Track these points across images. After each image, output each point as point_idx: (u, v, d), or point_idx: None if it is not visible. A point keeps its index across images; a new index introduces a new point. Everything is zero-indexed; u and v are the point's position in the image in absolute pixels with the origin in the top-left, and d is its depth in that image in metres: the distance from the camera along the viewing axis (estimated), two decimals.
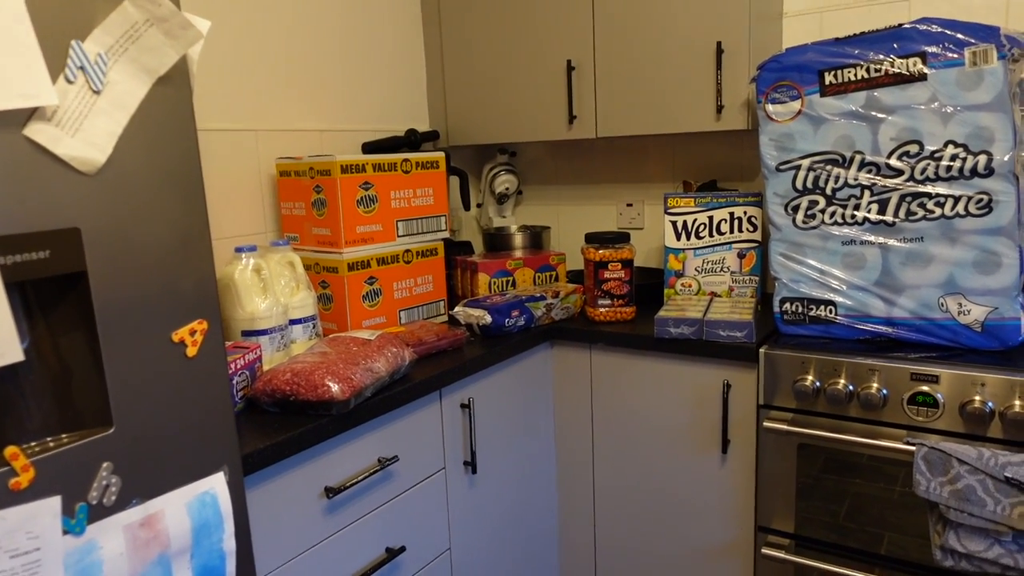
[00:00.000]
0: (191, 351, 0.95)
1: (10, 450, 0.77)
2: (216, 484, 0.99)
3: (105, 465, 0.86)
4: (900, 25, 1.48)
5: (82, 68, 0.80)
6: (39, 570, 0.79)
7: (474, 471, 1.71)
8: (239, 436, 1.22)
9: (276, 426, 1.26)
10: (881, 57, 1.50)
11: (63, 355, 0.84)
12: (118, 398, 0.87)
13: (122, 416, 0.88)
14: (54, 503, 0.81)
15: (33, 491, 0.79)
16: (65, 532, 0.82)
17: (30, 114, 0.77)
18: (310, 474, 1.31)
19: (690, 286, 1.98)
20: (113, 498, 0.87)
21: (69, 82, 0.79)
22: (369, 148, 2.13)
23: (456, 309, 1.85)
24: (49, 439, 0.82)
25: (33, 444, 0.81)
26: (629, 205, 2.37)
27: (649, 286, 2.11)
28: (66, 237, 0.81)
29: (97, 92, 0.82)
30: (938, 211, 1.48)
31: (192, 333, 0.95)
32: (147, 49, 0.85)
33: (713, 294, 1.96)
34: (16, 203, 0.77)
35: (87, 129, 0.81)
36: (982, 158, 1.42)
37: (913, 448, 1.40)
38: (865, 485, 1.52)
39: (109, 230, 0.85)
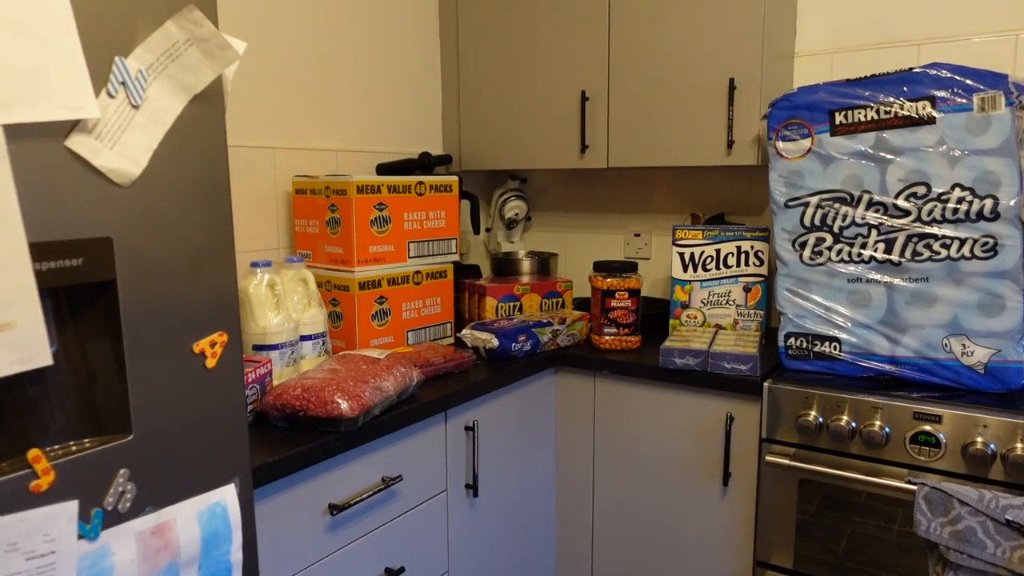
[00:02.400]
0: (210, 362, 0.97)
1: (33, 453, 0.79)
2: (227, 495, 1.00)
3: (122, 471, 0.87)
4: (911, 69, 1.52)
5: (123, 83, 0.83)
6: (54, 572, 0.80)
7: (475, 494, 1.71)
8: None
9: (285, 441, 1.27)
10: (891, 99, 1.53)
11: (89, 361, 0.85)
12: (138, 405, 0.89)
13: (141, 423, 0.89)
14: (71, 507, 0.82)
15: (52, 494, 0.80)
16: (80, 537, 0.83)
17: (72, 126, 0.79)
18: (315, 490, 1.32)
19: (695, 317, 1.99)
20: (128, 505, 0.88)
21: (111, 96, 0.82)
22: (383, 170, 2.16)
23: (464, 332, 1.86)
24: (72, 443, 0.83)
25: (56, 448, 0.82)
26: (637, 235, 2.39)
27: (655, 316, 2.12)
28: (99, 246, 0.83)
29: (136, 107, 0.85)
30: (944, 252, 1.51)
31: (212, 345, 0.96)
32: (186, 67, 0.88)
33: (718, 326, 1.98)
34: (53, 211, 0.79)
35: (125, 142, 0.84)
36: (988, 202, 1.45)
37: (915, 487, 1.41)
38: (863, 524, 1.53)
39: (139, 241, 0.88)
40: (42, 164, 0.78)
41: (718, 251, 1.96)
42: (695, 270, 1.98)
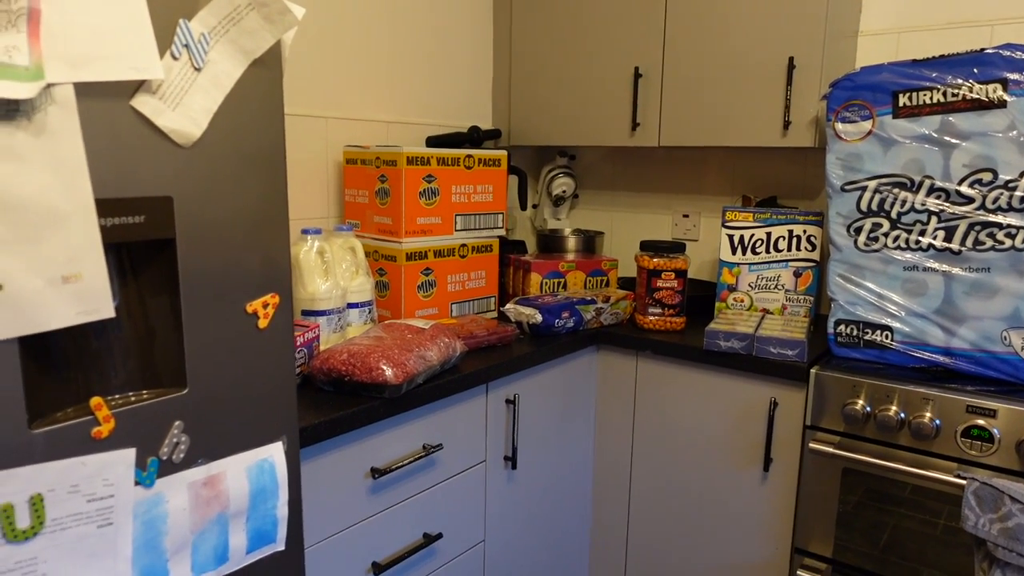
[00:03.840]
0: (263, 323, 0.99)
1: (95, 400, 0.82)
2: (275, 452, 1.03)
3: (177, 423, 0.91)
4: (983, 50, 1.45)
5: (187, 46, 0.85)
6: (112, 516, 0.84)
7: (514, 467, 1.73)
8: None
9: (330, 404, 1.31)
10: (960, 81, 1.47)
11: (148, 316, 0.88)
12: (194, 361, 0.92)
13: (196, 378, 0.92)
14: (129, 455, 0.85)
15: (112, 441, 0.84)
16: (136, 483, 0.87)
17: (138, 86, 0.82)
18: (359, 453, 1.35)
19: (742, 301, 1.96)
20: (182, 455, 0.92)
21: (174, 58, 0.84)
22: (433, 142, 2.17)
23: (507, 306, 1.87)
24: (131, 394, 0.87)
25: (116, 397, 0.86)
26: (685, 216, 2.36)
27: (700, 298, 2.10)
28: (160, 204, 0.85)
29: (198, 70, 0.86)
30: (1008, 242, 1.45)
31: (265, 306, 0.99)
32: (246, 32, 0.90)
33: (765, 311, 1.95)
34: (117, 169, 0.82)
35: (186, 104, 0.86)
36: None
37: (964, 482, 1.38)
38: (907, 517, 1.50)
39: (198, 201, 0.90)
40: (109, 122, 0.80)
41: (769, 234, 1.92)
42: (744, 253, 1.94)
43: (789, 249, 1.91)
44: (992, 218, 1.46)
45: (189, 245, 0.90)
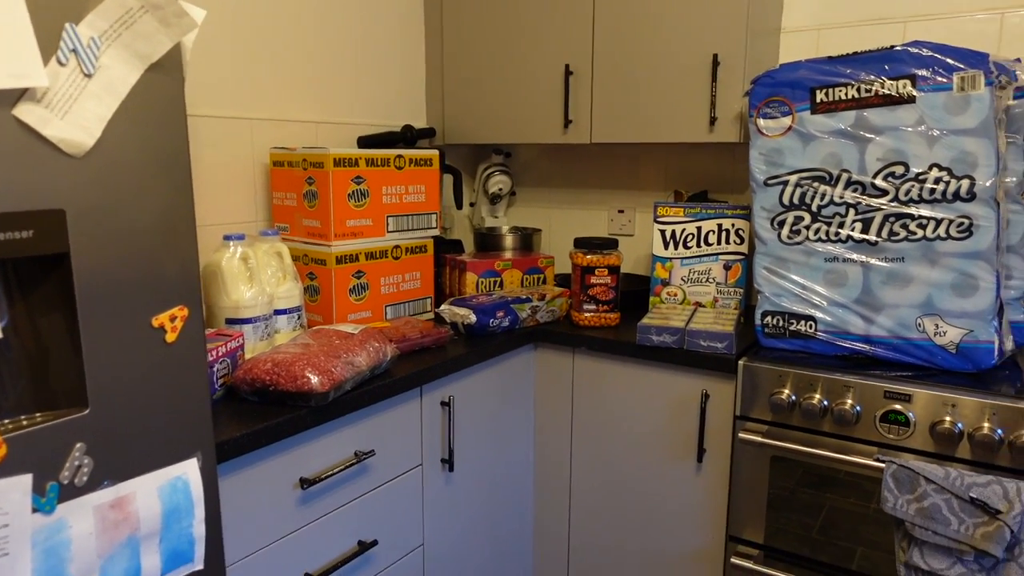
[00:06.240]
0: (170, 337, 0.96)
1: None
2: (188, 469, 1.00)
3: (78, 446, 0.87)
4: (892, 47, 1.50)
5: (75, 51, 0.81)
6: (7, 546, 0.80)
7: (451, 469, 1.72)
8: (217, 423, 1.23)
9: (254, 415, 1.27)
10: (872, 78, 1.51)
11: (41, 335, 0.84)
12: (95, 380, 0.88)
13: (98, 398, 0.89)
14: (25, 481, 0.81)
15: (5, 468, 0.80)
16: (35, 510, 0.83)
17: (20, 95, 0.78)
18: (286, 464, 1.32)
19: (676, 295, 1.99)
20: (85, 479, 0.88)
21: (61, 64, 0.80)
22: (365, 143, 2.14)
23: (441, 307, 1.86)
24: (23, 418, 0.83)
25: (7, 422, 0.82)
26: (621, 211, 2.38)
27: (636, 293, 2.12)
28: (50, 218, 0.81)
29: (89, 76, 0.83)
30: (920, 233, 1.50)
31: (172, 319, 0.96)
32: (141, 35, 0.86)
33: (698, 304, 1.98)
34: (1, 182, 0.78)
35: (76, 112, 0.82)
36: (965, 182, 1.44)
37: (883, 465, 1.42)
38: (841, 500, 1.54)
39: (95, 212, 0.86)
40: None
41: (699, 228, 1.95)
42: (676, 247, 1.97)
43: (719, 243, 1.94)
44: (905, 209, 1.51)
45: (86, 259, 0.86)
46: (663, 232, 1.97)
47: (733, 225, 1.93)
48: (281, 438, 1.27)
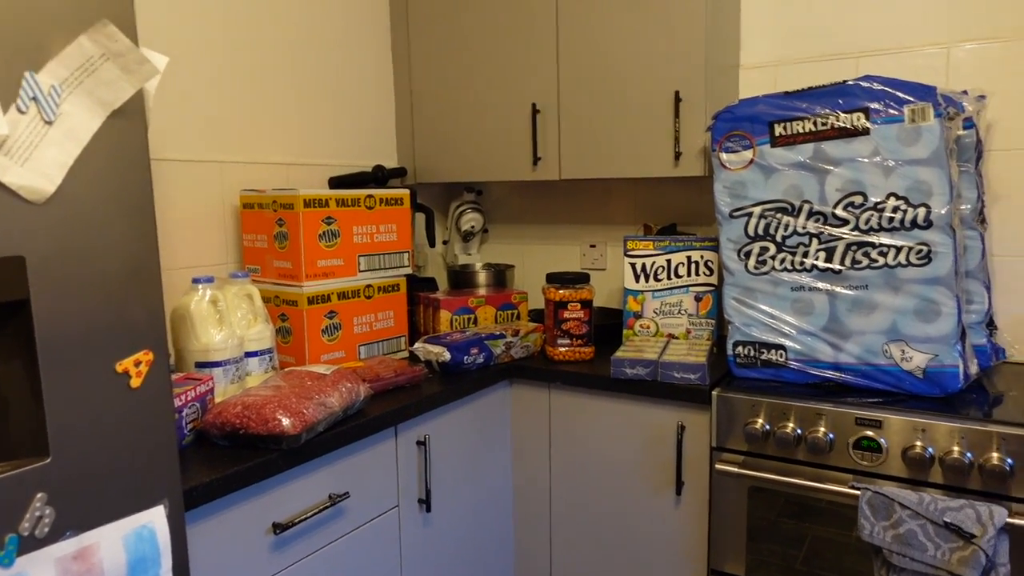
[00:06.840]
0: (135, 382, 0.95)
1: None
2: (155, 518, 0.98)
3: (39, 496, 0.85)
4: (845, 82, 1.55)
5: (35, 99, 0.82)
6: None
7: (428, 509, 1.70)
8: (186, 469, 1.21)
9: (225, 459, 1.25)
10: (827, 111, 1.56)
11: (0, 383, 0.83)
12: (56, 428, 0.86)
13: (60, 447, 0.87)
14: None
15: None
16: None
17: None
18: (258, 509, 1.30)
19: (648, 327, 2.01)
20: (46, 530, 0.86)
21: (21, 112, 0.81)
22: (336, 183, 2.15)
23: (415, 345, 1.85)
24: None
25: None
26: (592, 246, 2.41)
27: (609, 326, 2.13)
28: (9, 265, 0.81)
29: (49, 123, 0.83)
30: (881, 260, 1.54)
31: (137, 364, 0.95)
32: (102, 83, 0.87)
33: (671, 336, 1.99)
34: None
35: (37, 159, 0.82)
36: (921, 211, 1.48)
37: (858, 492, 1.43)
38: (823, 529, 1.54)
39: (56, 259, 0.86)
40: None
41: (669, 261, 1.97)
42: (647, 280, 1.99)
43: (689, 275, 1.97)
44: (866, 238, 1.55)
45: (47, 305, 0.85)
46: (633, 265, 2.00)
47: (702, 257, 1.95)
48: (252, 482, 1.25)
